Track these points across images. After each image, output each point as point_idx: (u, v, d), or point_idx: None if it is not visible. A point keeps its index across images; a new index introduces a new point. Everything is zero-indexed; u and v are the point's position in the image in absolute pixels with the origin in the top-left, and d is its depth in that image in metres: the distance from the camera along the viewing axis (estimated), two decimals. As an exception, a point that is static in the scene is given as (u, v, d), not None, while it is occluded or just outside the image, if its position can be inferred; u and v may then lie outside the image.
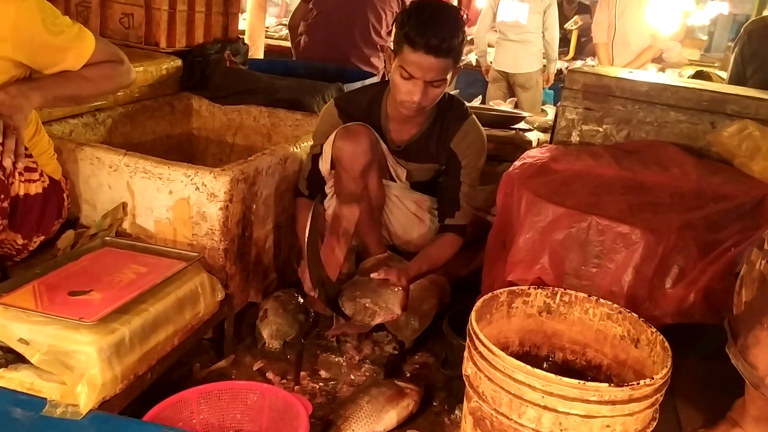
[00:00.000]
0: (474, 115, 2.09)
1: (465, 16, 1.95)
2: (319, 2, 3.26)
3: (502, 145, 2.88)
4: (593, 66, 2.99)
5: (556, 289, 1.50)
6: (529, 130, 3.14)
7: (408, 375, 1.90)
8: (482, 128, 2.09)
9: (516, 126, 3.08)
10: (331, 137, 1.97)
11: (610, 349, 1.46)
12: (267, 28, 5.69)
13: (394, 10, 3.25)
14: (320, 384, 1.79)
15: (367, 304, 1.78)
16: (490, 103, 4.13)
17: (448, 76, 1.88)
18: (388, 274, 1.84)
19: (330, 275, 1.87)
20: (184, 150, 2.59)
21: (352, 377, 1.82)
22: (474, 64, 5.68)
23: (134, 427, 1.17)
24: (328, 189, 2.11)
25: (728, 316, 1.25)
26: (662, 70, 5.15)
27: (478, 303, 1.41)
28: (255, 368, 1.80)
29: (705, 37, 8.33)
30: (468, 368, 1.34)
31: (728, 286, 1.44)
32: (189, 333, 1.58)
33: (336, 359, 1.85)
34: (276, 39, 5.73)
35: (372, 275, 1.86)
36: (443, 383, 1.83)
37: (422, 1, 1.92)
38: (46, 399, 1.27)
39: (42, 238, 1.71)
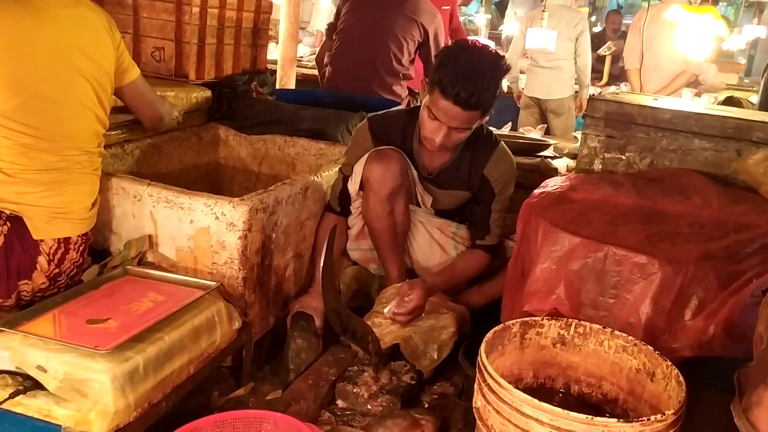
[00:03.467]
0: (503, 142, 2.13)
1: (505, 64, 1.94)
2: (342, 33, 3.32)
3: (528, 172, 2.86)
4: (617, 93, 2.96)
5: (570, 320, 1.48)
6: (558, 157, 3.12)
7: (426, 405, 1.89)
8: (512, 156, 2.13)
9: (542, 153, 3.06)
10: (363, 159, 2.01)
11: (626, 382, 1.43)
12: (300, 58, 5.79)
13: (416, 39, 3.28)
14: (337, 414, 1.79)
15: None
16: (521, 130, 4.12)
17: (475, 125, 1.92)
18: (400, 292, 1.84)
19: None
20: (212, 179, 2.64)
21: (369, 407, 1.82)
22: (506, 90, 5.67)
23: (145, 455, 1.19)
24: (354, 208, 2.15)
25: (738, 370, 1.21)
26: (698, 94, 5.07)
27: (489, 335, 1.40)
28: (269, 398, 1.80)
29: (744, 61, 8.16)
30: (477, 401, 1.33)
31: (749, 318, 1.41)
32: (205, 361, 1.61)
33: (353, 389, 1.84)
34: (310, 69, 5.82)
35: (385, 311, 1.90)
36: (461, 414, 1.81)
37: (464, 46, 1.94)
38: (60, 426, 1.29)
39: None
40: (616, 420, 1.14)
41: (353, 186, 2.07)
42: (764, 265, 1.51)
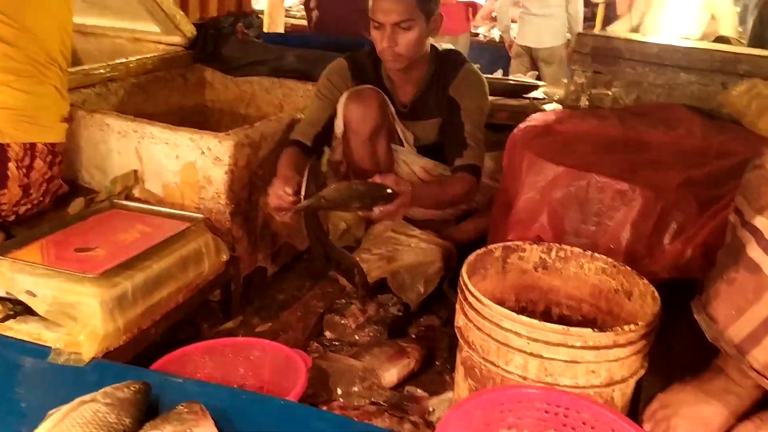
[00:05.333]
0: (471, 63, 2.10)
1: None
2: (328, -23, 3.28)
3: (515, 114, 2.86)
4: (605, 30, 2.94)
5: (552, 244, 1.51)
6: (548, 101, 3.11)
7: (413, 336, 1.92)
8: (482, 75, 2.11)
9: (532, 95, 3.05)
10: (342, 98, 2.00)
11: (605, 303, 1.46)
12: (289, 8, 5.71)
13: None
14: (324, 344, 1.83)
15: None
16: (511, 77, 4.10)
17: (420, 20, 1.90)
18: (385, 179, 1.78)
19: None
20: (198, 122, 2.63)
21: (356, 337, 1.85)
22: (498, 39, 5.62)
23: (133, 374, 1.21)
24: (338, 154, 2.14)
25: (706, 274, 1.24)
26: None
27: (471, 257, 1.43)
28: (258, 330, 1.83)
29: (738, 9, 8.06)
30: (459, 320, 1.36)
31: (724, 240, 1.43)
32: (193, 291, 1.63)
33: (341, 320, 1.88)
34: (298, 18, 5.75)
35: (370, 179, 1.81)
36: (446, 344, 1.85)
37: None
38: (51, 348, 1.32)
39: None
40: (591, 330, 1.17)
41: (338, 124, 2.06)
42: (742, 189, 1.52)
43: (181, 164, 1.81)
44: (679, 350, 1.41)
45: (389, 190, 1.75)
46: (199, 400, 1.12)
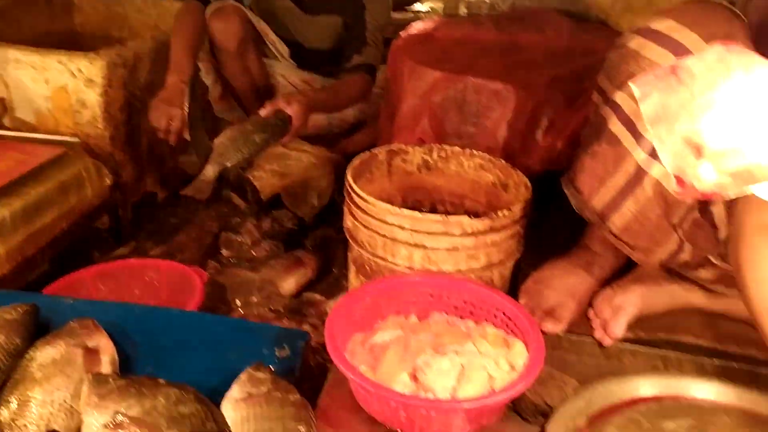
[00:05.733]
0: None
1: None
2: None
3: (400, 28, 2.88)
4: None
5: (432, 145, 1.57)
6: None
7: (310, 248, 1.97)
8: None
9: (414, 8, 3.07)
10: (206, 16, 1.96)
11: (485, 196, 1.55)
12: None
13: None
14: (222, 262, 1.84)
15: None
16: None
17: None
18: (274, 104, 1.80)
19: None
20: (70, 49, 2.48)
21: (254, 253, 1.88)
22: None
23: (21, 298, 1.18)
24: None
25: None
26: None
27: (356, 160, 1.47)
28: (152, 253, 1.82)
29: None
30: (347, 221, 1.41)
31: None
32: (78, 217, 1.60)
33: (236, 237, 1.89)
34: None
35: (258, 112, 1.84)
36: (342, 251, 1.91)
37: None
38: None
39: None
40: (468, 218, 1.25)
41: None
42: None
43: (52, 89, 1.72)
44: (552, 234, 1.53)
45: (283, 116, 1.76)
46: (92, 317, 1.12)
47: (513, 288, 1.42)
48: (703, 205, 1.09)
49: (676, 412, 1.04)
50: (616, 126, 1.13)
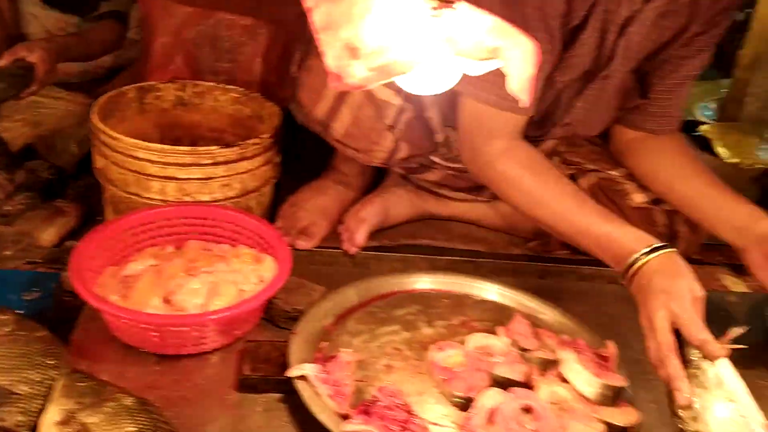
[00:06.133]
0: None
1: None
2: None
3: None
4: None
5: (185, 81, 1.58)
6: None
7: (71, 197, 1.89)
8: None
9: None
10: None
11: (243, 129, 1.59)
12: None
13: None
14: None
15: None
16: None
17: None
18: (12, 53, 1.65)
19: None
20: None
21: (9, 208, 1.76)
22: None
23: None
24: None
25: None
26: None
27: (102, 99, 1.44)
28: None
29: None
30: (97, 162, 1.38)
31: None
32: None
33: (-14, 192, 1.76)
34: None
35: None
36: (107, 198, 1.86)
37: None
38: None
39: None
40: (217, 147, 1.29)
41: None
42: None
43: None
44: (311, 159, 1.62)
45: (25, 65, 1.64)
46: None
47: (274, 212, 1.50)
48: (419, 111, 1.24)
49: (406, 302, 1.19)
50: None
